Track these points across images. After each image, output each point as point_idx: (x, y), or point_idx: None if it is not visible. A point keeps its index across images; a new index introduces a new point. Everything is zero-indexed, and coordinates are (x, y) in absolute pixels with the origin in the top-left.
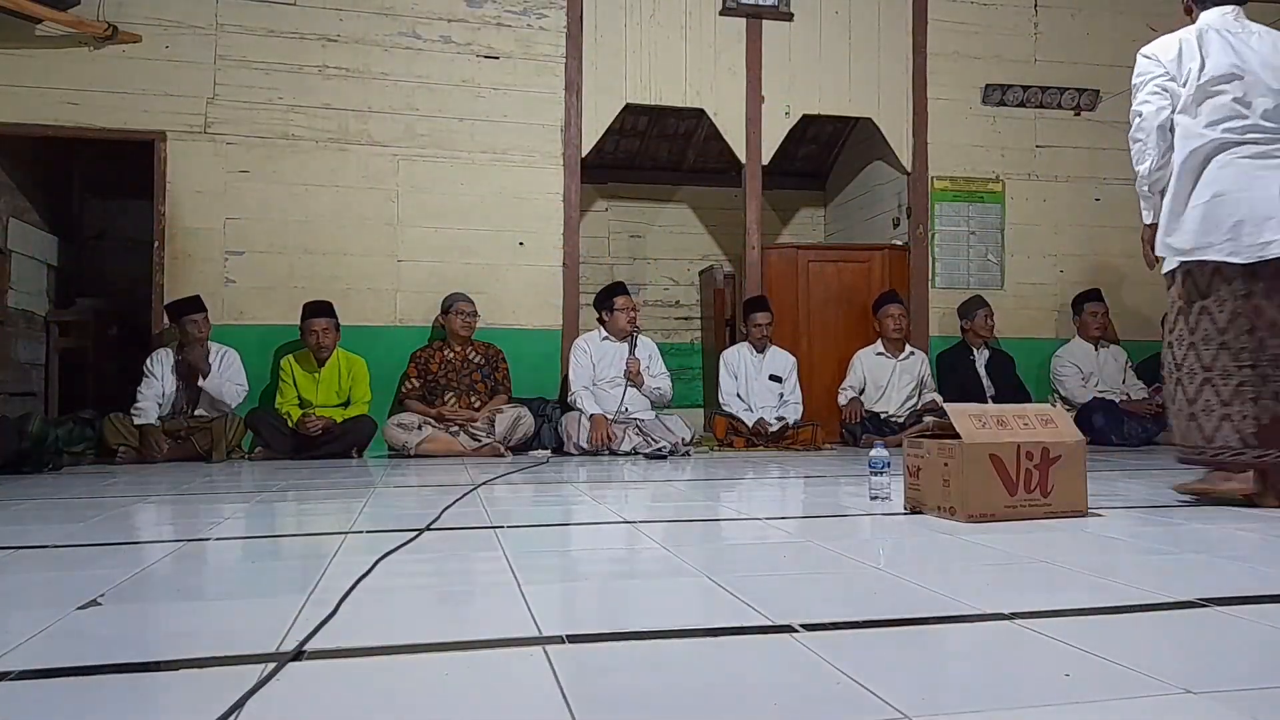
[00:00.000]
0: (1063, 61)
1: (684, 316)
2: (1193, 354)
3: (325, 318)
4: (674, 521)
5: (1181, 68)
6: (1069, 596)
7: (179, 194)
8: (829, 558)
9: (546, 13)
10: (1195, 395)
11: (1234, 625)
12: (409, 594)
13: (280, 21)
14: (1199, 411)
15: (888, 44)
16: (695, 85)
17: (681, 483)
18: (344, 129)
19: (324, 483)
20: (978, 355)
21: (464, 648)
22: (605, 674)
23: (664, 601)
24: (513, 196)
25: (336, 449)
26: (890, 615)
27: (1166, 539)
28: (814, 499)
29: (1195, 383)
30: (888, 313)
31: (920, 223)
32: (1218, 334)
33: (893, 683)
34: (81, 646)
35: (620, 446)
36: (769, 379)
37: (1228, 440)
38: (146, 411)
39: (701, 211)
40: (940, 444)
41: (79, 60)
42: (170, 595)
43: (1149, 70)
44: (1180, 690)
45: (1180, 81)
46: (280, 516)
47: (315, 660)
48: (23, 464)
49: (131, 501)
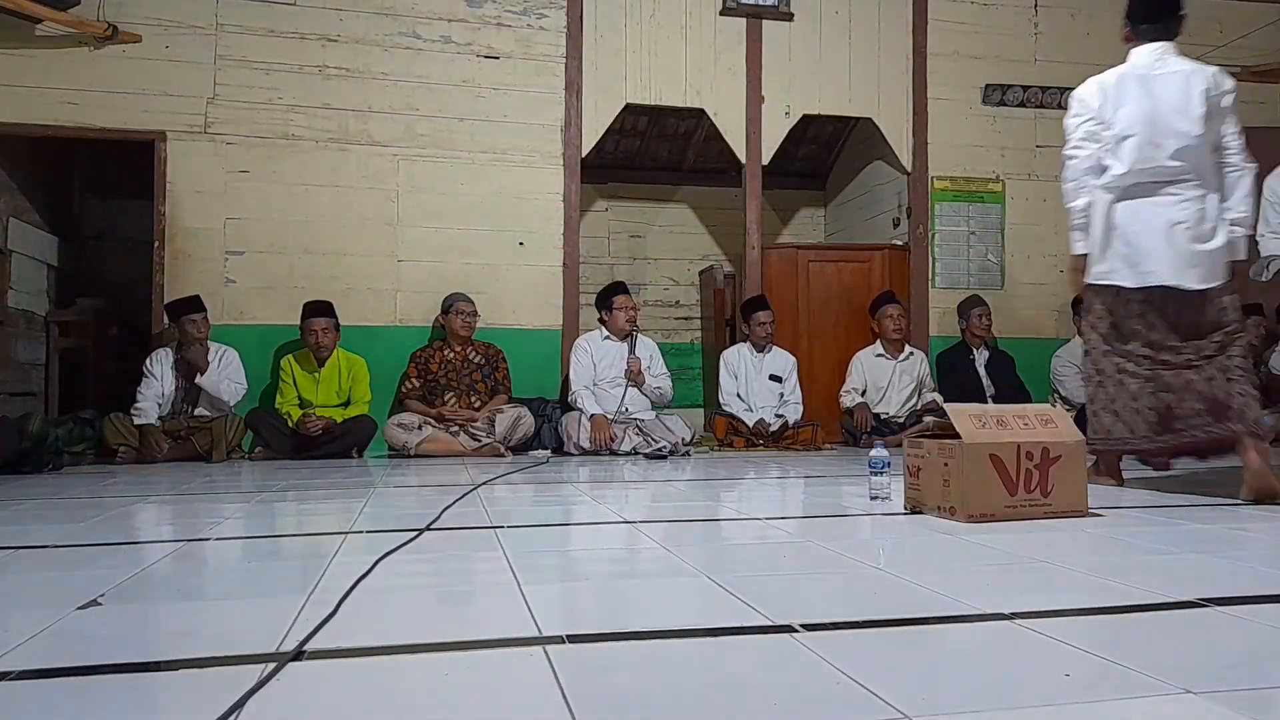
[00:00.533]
0: (1063, 61)
1: (684, 316)
2: (1106, 360)
3: (325, 317)
4: (674, 521)
5: (1103, 113)
6: (1069, 596)
7: (179, 194)
8: (829, 558)
9: (546, 13)
10: (1114, 394)
11: (1234, 625)
12: (409, 594)
13: (280, 21)
14: (1105, 409)
15: (888, 44)
16: (695, 85)
17: (681, 483)
18: (344, 129)
19: (324, 483)
20: (977, 355)
21: (464, 648)
22: (605, 674)
23: (664, 601)
24: (513, 196)
25: (336, 449)
26: (890, 615)
27: (1166, 539)
28: (814, 499)
29: (1110, 385)
30: (886, 313)
31: (920, 223)
32: (1122, 344)
33: (893, 683)
34: (81, 646)
35: (620, 446)
36: (769, 379)
37: (1122, 432)
38: (146, 411)
39: (701, 211)
40: (940, 444)
41: (79, 60)
42: (170, 595)
43: (1079, 114)
44: (1180, 690)
45: (1105, 126)
46: (280, 516)
47: (315, 660)
48: (23, 464)
49: (131, 501)
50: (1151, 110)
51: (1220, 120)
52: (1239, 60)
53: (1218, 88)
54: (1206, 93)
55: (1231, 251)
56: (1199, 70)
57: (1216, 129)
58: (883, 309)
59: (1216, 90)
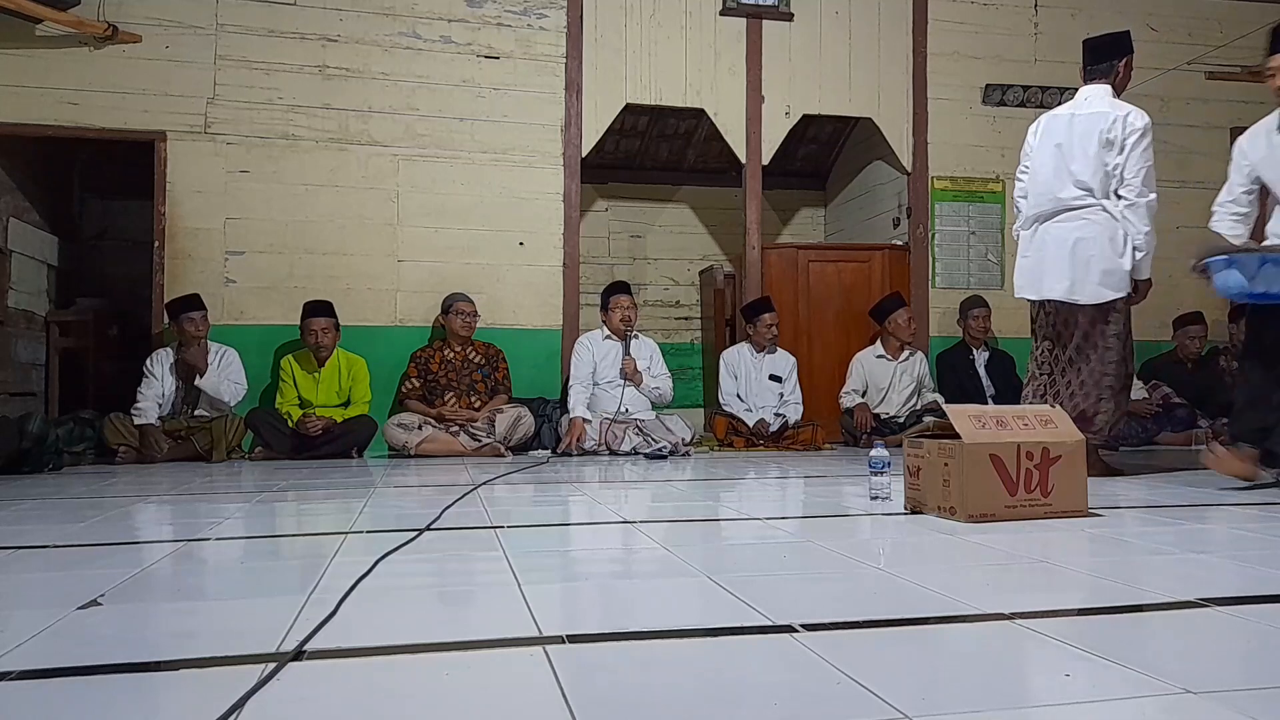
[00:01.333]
0: (1063, 61)
1: (684, 316)
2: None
3: (325, 317)
4: (674, 521)
5: (1029, 149)
6: (1069, 596)
7: (179, 194)
8: (829, 558)
9: (546, 13)
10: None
11: (1234, 625)
12: (409, 594)
13: (280, 21)
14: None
15: (888, 44)
16: (695, 85)
17: (681, 483)
18: (344, 129)
19: (324, 483)
20: (977, 355)
21: (464, 648)
22: (605, 674)
23: (664, 601)
24: (513, 196)
25: (336, 449)
26: (890, 615)
27: (1166, 539)
28: (814, 499)
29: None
30: (899, 317)
31: (920, 223)
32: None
33: (893, 683)
34: (81, 646)
35: (620, 446)
36: (769, 379)
37: None
38: (146, 411)
39: (701, 211)
40: (940, 444)
41: (79, 60)
42: (170, 595)
43: (1024, 148)
44: (1180, 690)
45: (1029, 159)
46: (280, 516)
47: (315, 660)
48: (23, 464)
49: (131, 501)
50: (1062, 144)
51: (1121, 156)
52: (1239, 60)
53: (1125, 128)
54: (1109, 132)
55: (1136, 272)
56: (1113, 111)
57: (1115, 164)
58: (895, 314)
59: (1123, 131)
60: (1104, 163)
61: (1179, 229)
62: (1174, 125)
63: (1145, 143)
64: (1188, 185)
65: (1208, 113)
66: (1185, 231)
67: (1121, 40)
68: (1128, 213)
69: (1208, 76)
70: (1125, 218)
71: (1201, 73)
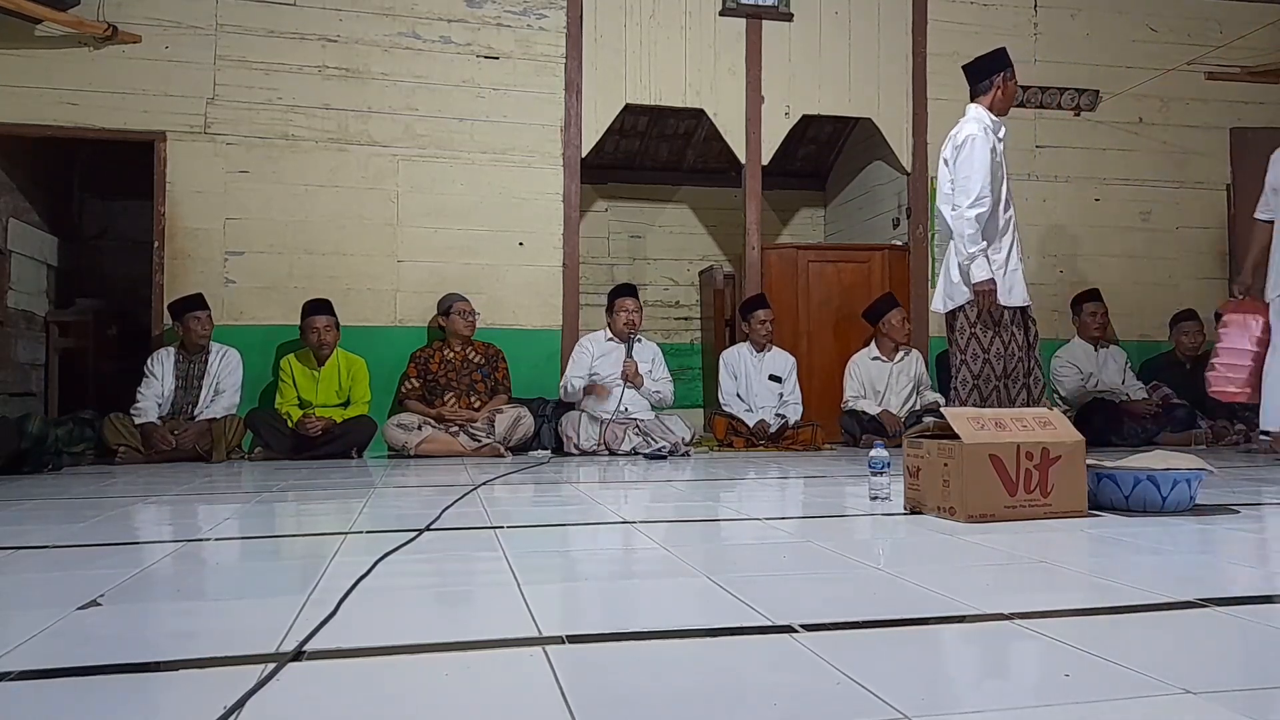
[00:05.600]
0: (1063, 61)
1: (684, 316)
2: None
3: (326, 315)
4: (674, 521)
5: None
6: (1069, 596)
7: (179, 194)
8: (829, 558)
9: (546, 13)
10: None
11: (1234, 625)
12: (409, 594)
13: (280, 21)
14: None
15: (887, 44)
16: (695, 85)
17: (681, 483)
18: (344, 129)
19: (324, 483)
20: None
21: (464, 648)
22: (605, 674)
23: (664, 601)
24: (512, 197)
25: (336, 449)
26: (890, 615)
27: (1166, 539)
28: (814, 499)
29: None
30: (893, 318)
31: (920, 223)
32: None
33: (893, 683)
34: (81, 646)
35: (620, 447)
36: (769, 379)
37: None
38: (147, 411)
39: (701, 212)
40: (940, 444)
41: (79, 60)
42: (170, 595)
43: None
44: (1180, 690)
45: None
46: (280, 516)
47: (315, 660)
48: (23, 464)
49: (131, 501)
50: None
51: (952, 171)
52: (1239, 60)
53: (952, 145)
54: (945, 151)
55: (964, 281)
56: (954, 130)
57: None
58: (889, 315)
59: (952, 147)
60: (948, 179)
61: (1179, 229)
62: (1174, 125)
63: (964, 154)
64: (1187, 185)
65: (1207, 113)
66: (1185, 232)
67: (998, 56)
68: (952, 225)
69: (1207, 77)
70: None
71: (1201, 73)
